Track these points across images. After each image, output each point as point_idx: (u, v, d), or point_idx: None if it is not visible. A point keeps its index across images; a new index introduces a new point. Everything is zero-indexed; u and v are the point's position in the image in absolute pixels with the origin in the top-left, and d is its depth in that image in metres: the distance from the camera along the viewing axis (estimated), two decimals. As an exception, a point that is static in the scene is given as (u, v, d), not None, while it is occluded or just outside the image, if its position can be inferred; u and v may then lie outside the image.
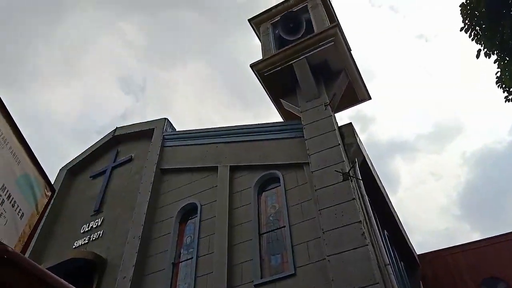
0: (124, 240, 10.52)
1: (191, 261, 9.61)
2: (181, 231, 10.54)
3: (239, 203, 9.87)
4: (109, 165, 13.21)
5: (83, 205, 12.58)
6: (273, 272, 8.37)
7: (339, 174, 7.86)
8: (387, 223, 10.89)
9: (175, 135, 12.58)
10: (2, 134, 2.73)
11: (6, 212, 2.66)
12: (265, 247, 8.91)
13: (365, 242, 6.99)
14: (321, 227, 7.67)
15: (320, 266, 7.67)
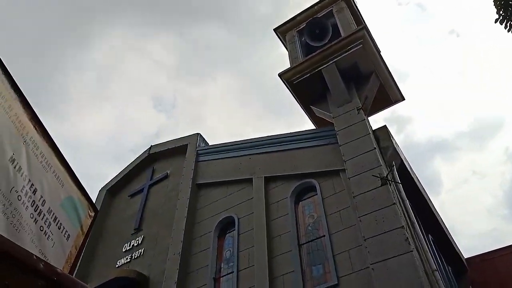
0: (165, 257, 10.61)
1: (232, 275, 9.54)
2: (220, 245, 10.52)
3: (276, 214, 9.75)
4: (146, 183, 13.43)
5: (123, 224, 12.81)
6: (315, 283, 8.17)
7: (377, 179, 7.61)
8: (431, 227, 10.45)
9: (208, 149, 12.65)
10: (46, 158, 2.79)
11: (53, 234, 2.70)
12: (305, 257, 8.73)
13: (409, 248, 6.70)
14: (362, 234, 7.43)
15: (363, 275, 7.42)
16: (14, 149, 2.46)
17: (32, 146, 2.64)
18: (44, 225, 2.68)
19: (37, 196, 2.60)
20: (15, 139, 2.49)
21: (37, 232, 2.60)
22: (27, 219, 2.53)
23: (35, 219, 2.58)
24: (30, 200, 2.53)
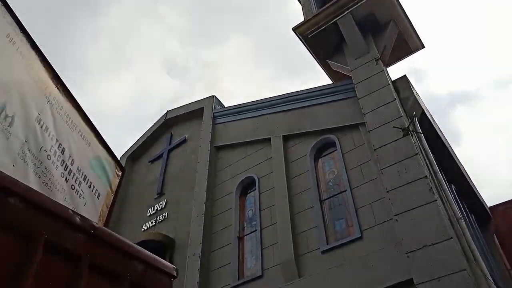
0: (189, 219, 10.83)
1: (255, 233, 9.71)
2: (242, 205, 10.66)
3: (297, 171, 9.77)
4: (165, 149, 13.56)
5: (146, 190, 13.05)
6: (338, 237, 8.26)
7: (398, 130, 7.49)
8: (454, 177, 10.35)
9: (225, 111, 12.60)
10: (70, 118, 2.79)
11: (84, 193, 2.74)
12: (327, 213, 8.79)
13: (433, 198, 6.66)
14: (385, 186, 7.39)
15: (387, 227, 7.45)
16: (40, 109, 2.45)
17: (56, 106, 2.63)
18: (75, 183, 2.71)
19: (65, 155, 2.61)
20: (39, 99, 2.48)
21: (69, 190, 2.63)
22: (58, 178, 2.55)
23: (66, 178, 2.61)
24: (59, 160, 2.55)
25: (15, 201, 1.81)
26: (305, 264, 8.21)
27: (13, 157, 2.15)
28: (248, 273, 9.23)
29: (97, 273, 2.03)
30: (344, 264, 7.50)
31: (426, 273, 6.15)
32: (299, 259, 8.36)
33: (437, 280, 5.96)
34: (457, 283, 5.80)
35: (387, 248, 7.12)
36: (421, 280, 6.13)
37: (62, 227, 1.95)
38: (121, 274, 2.10)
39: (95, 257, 2.02)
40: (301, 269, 8.18)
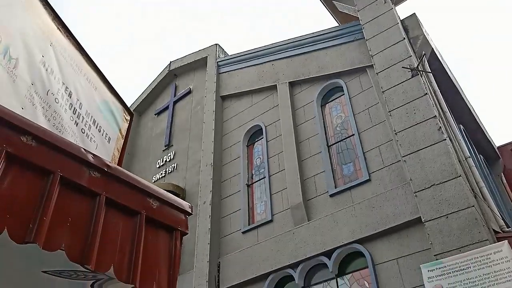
0: (198, 169, 10.97)
1: (264, 180, 9.86)
2: (250, 153, 10.74)
3: (303, 118, 9.73)
4: (170, 100, 13.50)
5: (154, 142, 13.14)
6: (346, 180, 8.36)
7: (406, 71, 7.34)
8: (462, 117, 10.28)
9: (229, 60, 12.38)
10: (75, 61, 2.73)
11: (95, 136, 2.74)
12: (335, 157, 8.85)
13: (442, 137, 6.64)
14: (393, 128, 7.37)
15: (395, 169, 7.51)
16: (43, 51, 2.40)
17: (59, 49, 2.57)
18: (85, 127, 2.70)
19: (73, 99, 2.59)
20: (42, 42, 2.41)
21: (80, 134, 2.63)
22: (68, 121, 2.54)
23: (75, 121, 2.60)
24: (67, 103, 2.53)
25: (28, 139, 1.81)
26: (314, 208, 8.38)
27: (21, 100, 2.13)
28: (258, 218, 9.47)
29: (114, 209, 2.06)
30: (353, 206, 7.64)
31: (434, 211, 6.25)
32: (308, 203, 8.52)
33: (445, 217, 6.08)
34: (465, 219, 5.91)
35: (395, 189, 7.21)
36: (429, 218, 6.25)
37: (77, 165, 1.95)
38: (138, 211, 2.13)
39: (111, 194, 2.04)
40: (310, 213, 8.36)
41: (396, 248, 6.81)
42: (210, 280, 8.70)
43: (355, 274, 7.32)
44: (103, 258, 1.86)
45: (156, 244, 2.16)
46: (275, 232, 8.65)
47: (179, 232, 2.28)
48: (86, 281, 2.16)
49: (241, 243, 9.15)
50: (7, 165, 1.68)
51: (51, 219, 1.73)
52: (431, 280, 5.50)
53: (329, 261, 7.52)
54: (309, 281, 7.89)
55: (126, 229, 2.03)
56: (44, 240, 1.67)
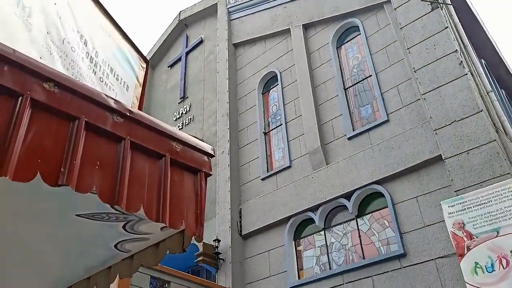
0: (214, 120, 11.01)
1: (281, 127, 9.86)
2: (266, 101, 10.69)
3: (319, 61, 9.54)
4: (182, 52, 13.32)
5: (169, 95, 13.15)
6: (364, 122, 8.30)
7: (426, 4, 7.02)
8: (484, 51, 9.90)
9: (240, 5, 12.00)
10: (87, 9, 2.67)
11: (113, 85, 2.74)
12: (352, 100, 8.74)
13: (463, 72, 6.46)
14: (412, 66, 7.18)
15: (414, 108, 7.40)
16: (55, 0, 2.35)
17: (71, -4, 2.52)
18: (102, 76, 2.70)
19: (89, 47, 2.57)
20: (53, -11, 2.37)
21: (99, 83, 2.64)
22: (86, 70, 2.54)
23: (93, 70, 2.60)
24: (83, 52, 2.51)
25: (50, 86, 1.82)
26: (332, 152, 8.41)
27: (38, 49, 2.12)
28: (276, 165, 9.58)
29: (139, 153, 2.09)
30: (371, 148, 7.64)
31: (454, 147, 6.21)
32: (326, 147, 8.55)
33: (466, 153, 6.04)
34: (486, 154, 5.87)
35: (414, 129, 7.14)
36: (449, 155, 6.23)
37: (100, 111, 1.97)
38: (162, 154, 2.16)
39: (135, 138, 2.06)
40: (328, 157, 8.41)
41: (416, 187, 6.86)
42: (233, 225, 8.99)
43: (375, 214, 7.45)
44: (133, 199, 1.92)
45: (182, 185, 2.20)
46: (294, 178, 8.77)
47: (203, 173, 2.31)
48: (117, 222, 2.25)
49: (260, 189, 9.33)
50: (33, 112, 1.70)
51: (80, 163, 1.77)
52: (451, 215, 5.56)
53: (349, 203, 7.65)
54: (329, 222, 8.08)
55: (152, 172, 2.07)
56: (76, 182, 1.72)
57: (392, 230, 7.01)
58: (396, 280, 6.52)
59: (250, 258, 8.76)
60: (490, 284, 4.93)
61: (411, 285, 6.31)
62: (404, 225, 6.79)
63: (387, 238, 7.11)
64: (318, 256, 7.97)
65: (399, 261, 6.61)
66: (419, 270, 6.34)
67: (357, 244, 7.47)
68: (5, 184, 1.94)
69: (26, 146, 1.63)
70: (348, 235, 7.70)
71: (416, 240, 6.55)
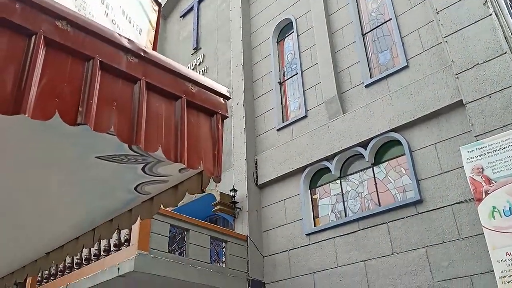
0: (228, 70, 10.88)
1: (297, 76, 9.70)
2: (281, 50, 10.46)
3: (336, 6, 9.20)
4: (194, 0, 12.96)
5: (182, 46, 12.96)
6: (383, 69, 8.10)
7: None
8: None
9: (252, -51, 11.48)
10: None
11: (126, 28, 2.68)
12: (370, 46, 8.48)
13: (488, 12, 6.16)
14: (434, 7, 6.86)
15: (435, 52, 7.16)
16: None
17: None
18: (115, 18, 2.64)
19: (100, -12, 2.49)
20: None
21: (111, 25, 2.58)
22: (98, 11, 2.48)
23: (105, 11, 2.54)
24: (97, -8, 2.44)
25: (63, 24, 1.78)
26: (349, 100, 8.29)
27: (48, -12, 2.05)
28: (292, 115, 9.52)
29: (155, 94, 2.07)
30: (389, 95, 7.49)
31: (476, 91, 6.04)
32: (342, 96, 8.42)
33: (487, 97, 5.88)
34: (509, 98, 5.71)
35: (434, 74, 6.94)
36: (470, 99, 6.07)
37: (114, 50, 1.93)
38: (178, 95, 2.14)
39: (150, 79, 2.04)
40: (345, 105, 8.30)
41: (435, 133, 6.76)
42: (249, 176, 9.11)
43: (392, 162, 7.43)
44: (151, 139, 1.92)
45: (199, 126, 2.20)
46: (310, 127, 8.73)
47: (219, 115, 2.30)
48: (136, 165, 2.27)
49: (276, 140, 9.34)
50: (47, 51, 1.68)
51: (97, 102, 1.76)
52: (470, 161, 5.50)
53: (365, 151, 7.62)
54: (345, 171, 8.11)
55: (169, 113, 2.06)
56: (94, 121, 1.72)
57: (408, 177, 7.01)
58: (412, 226, 6.59)
59: (266, 207, 8.94)
60: (507, 228, 4.96)
61: (427, 231, 6.39)
62: (421, 172, 6.77)
63: (403, 185, 7.12)
64: (334, 204, 8.08)
65: (415, 207, 6.65)
66: (435, 216, 6.38)
67: (373, 192, 7.52)
68: (27, 131, 1.96)
69: (43, 85, 1.62)
70: (364, 183, 7.74)
71: (433, 187, 6.55)
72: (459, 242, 6.02)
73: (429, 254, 6.25)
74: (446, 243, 6.13)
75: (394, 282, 6.46)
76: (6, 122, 1.76)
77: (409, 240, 6.53)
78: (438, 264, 6.10)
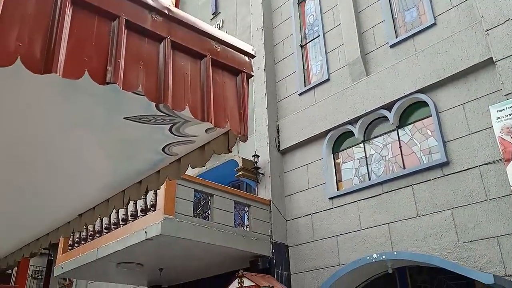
0: (248, 35, 10.70)
1: (319, 39, 9.49)
2: (302, 11, 10.20)
3: (359, -37, 8.82)
4: (212, -36, 12.65)
5: (201, 11, 12.75)
6: (409, 28, 7.82)
7: None
8: None
9: None
10: None
11: None
12: (396, 4, 8.17)
13: (524, -36, 5.79)
14: (464, -40, 6.50)
15: (464, 8, 6.89)
16: None
17: None
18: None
19: None
20: None
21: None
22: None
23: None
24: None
25: (84, -17, 1.76)
26: (373, 61, 8.09)
27: None
28: (314, 78, 9.38)
29: (180, 53, 2.06)
30: (415, 55, 7.27)
31: (507, 48, 5.81)
32: (366, 57, 8.22)
33: (520, 53, 5.63)
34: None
35: (463, 31, 6.67)
36: (501, 57, 5.84)
37: (139, 9, 1.92)
38: (203, 54, 2.12)
39: (175, 38, 2.02)
40: (369, 67, 8.11)
41: (463, 93, 6.57)
42: (271, 142, 9.11)
43: (417, 124, 7.30)
44: (178, 97, 1.93)
45: (224, 85, 2.18)
46: (333, 91, 8.60)
47: (244, 74, 2.27)
48: (164, 125, 2.29)
49: (298, 105, 9.26)
50: (73, 10, 1.68)
51: (125, 61, 1.77)
52: (499, 120, 5.35)
53: (390, 114, 7.49)
54: (369, 134, 8.02)
55: (194, 72, 2.05)
56: (123, 80, 1.73)
57: (435, 139, 6.89)
58: (437, 188, 6.53)
59: (289, 172, 8.98)
60: (537, 188, 4.84)
61: (453, 193, 6.32)
62: (448, 134, 6.63)
63: (429, 147, 7.01)
64: (357, 168, 8.05)
65: (441, 169, 6.56)
66: (462, 177, 6.29)
67: (397, 155, 7.44)
68: (56, 92, 1.99)
69: (72, 44, 1.63)
70: (388, 146, 7.65)
71: (460, 148, 6.42)
72: (486, 203, 5.94)
73: (455, 215, 6.20)
74: (473, 205, 6.06)
75: (418, 244, 6.48)
76: (37, 82, 1.79)
77: (434, 202, 6.49)
78: (464, 226, 6.07)
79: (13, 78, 1.80)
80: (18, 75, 1.67)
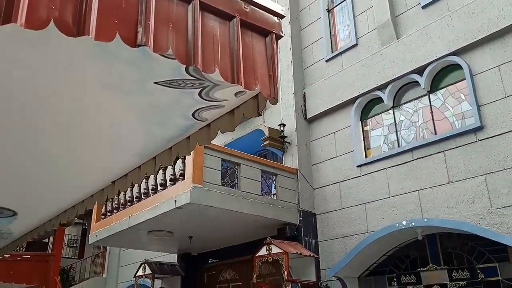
0: None
1: (346, 2, 9.21)
2: (327, -26, 9.84)
3: None
4: None
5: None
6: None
7: None
8: None
9: None
10: None
11: None
12: (428, -38, 7.75)
13: None
14: None
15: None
16: None
17: None
18: None
19: None
20: None
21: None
22: None
23: None
24: None
25: None
26: (403, 24, 7.79)
27: None
28: (341, 44, 9.14)
29: (208, 14, 2.02)
30: (449, 16, 6.95)
31: (550, 5, 5.44)
32: (396, 19, 7.92)
33: None
34: None
35: (501, -12, 6.29)
36: (543, 14, 5.49)
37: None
38: (232, 15, 2.08)
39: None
40: (399, 30, 7.83)
41: (499, 55, 6.28)
42: (297, 110, 9.02)
43: (450, 88, 7.05)
44: (208, 59, 1.91)
45: (254, 47, 2.14)
46: (361, 56, 8.37)
47: (274, 35, 2.22)
48: (193, 89, 2.28)
49: (325, 71, 9.09)
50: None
51: (154, 23, 1.75)
52: (539, 82, 5.08)
53: (421, 78, 7.26)
54: (399, 100, 7.82)
55: (223, 33, 2.02)
56: (153, 42, 1.72)
57: (468, 103, 6.65)
58: (470, 154, 6.35)
59: (316, 141, 8.91)
60: None
61: (487, 158, 6.14)
62: (483, 97, 6.38)
63: (462, 112, 6.79)
64: (386, 135, 7.91)
65: (474, 134, 6.37)
66: (496, 142, 6.09)
67: (428, 121, 7.25)
68: (87, 55, 2.00)
69: (102, 7, 1.62)
70: (419, 111, 7.45)
71: (495, 112, 6.19)
72: (521, 168, 5.76)
73: (488, 181, 6.05)
74: (507, 170, 5.89)
75: (450, 210, 6.38)
76: (69, 45, 1.79)
77: (466, 168, 6.33)
78: (498, 192, 5.92)
79: (46, 44, 1.81)
80: (49, 40, 1.68)
